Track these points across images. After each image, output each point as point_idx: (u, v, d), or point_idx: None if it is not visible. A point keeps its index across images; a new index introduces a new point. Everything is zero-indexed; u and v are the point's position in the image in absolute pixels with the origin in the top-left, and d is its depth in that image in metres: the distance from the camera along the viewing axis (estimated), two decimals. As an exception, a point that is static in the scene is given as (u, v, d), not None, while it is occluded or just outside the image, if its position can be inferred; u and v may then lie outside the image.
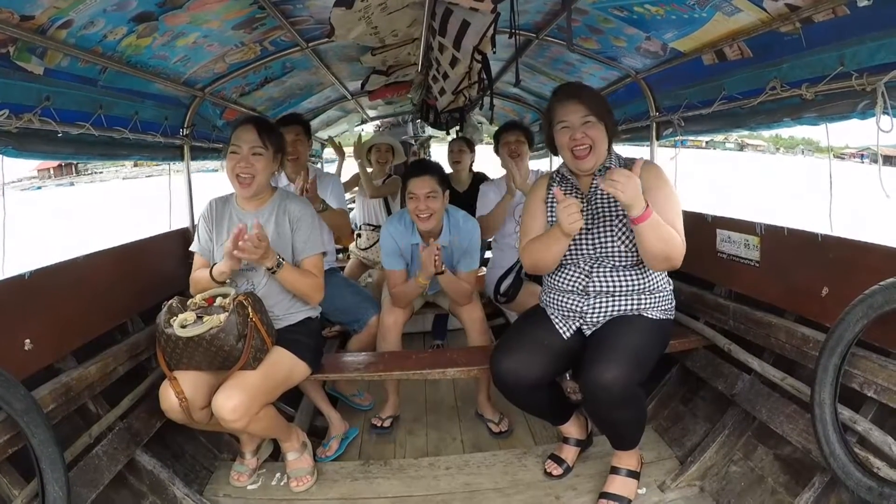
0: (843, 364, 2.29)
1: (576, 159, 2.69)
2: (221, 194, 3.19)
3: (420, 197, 3.40)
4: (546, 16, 3.61)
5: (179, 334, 2.58)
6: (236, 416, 2.59)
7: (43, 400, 2.43)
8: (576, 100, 2.67)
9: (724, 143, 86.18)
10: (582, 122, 2.65)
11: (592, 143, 2.65)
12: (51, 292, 2.70)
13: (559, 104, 2.73)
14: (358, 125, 9.58)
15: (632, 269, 2.70)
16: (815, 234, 2.77)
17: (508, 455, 3.30)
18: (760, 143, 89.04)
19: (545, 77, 5.03)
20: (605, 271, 2.71)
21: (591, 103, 2.66)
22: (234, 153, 2.91)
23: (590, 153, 2.66)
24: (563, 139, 2.71)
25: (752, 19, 2.69)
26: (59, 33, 2.45)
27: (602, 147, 2.68)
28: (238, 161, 2.89)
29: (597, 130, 2.65)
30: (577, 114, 2.65)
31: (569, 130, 2.67)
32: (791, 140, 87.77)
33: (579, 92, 2.74)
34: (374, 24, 3.14)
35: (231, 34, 3.27)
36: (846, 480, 2.19)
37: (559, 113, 2.71)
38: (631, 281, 2.70)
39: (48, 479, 2.16)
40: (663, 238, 2.46)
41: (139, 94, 3.33)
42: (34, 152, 2.72)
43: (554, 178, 2.95)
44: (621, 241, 2.66)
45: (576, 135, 2.65)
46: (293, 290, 3.00)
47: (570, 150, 2.69)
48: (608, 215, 2.71)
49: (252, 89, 4.49)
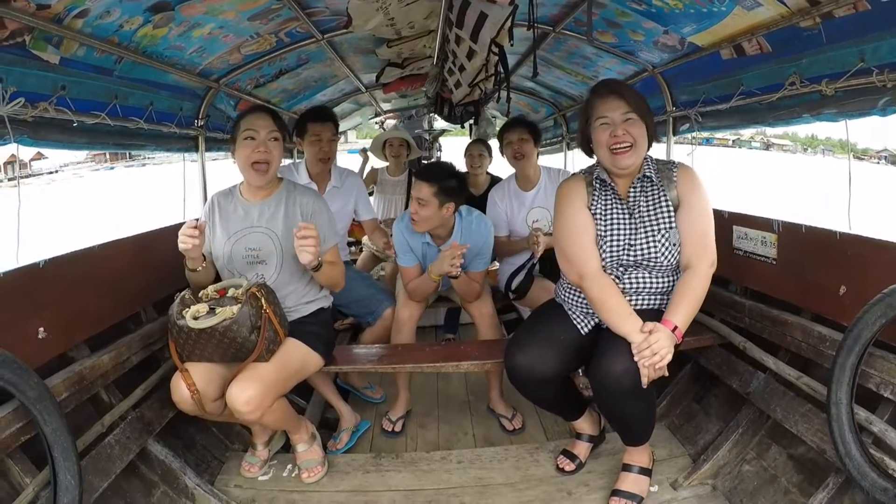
0: (860, 364, 2.26)
1: (614, 156, 2.57)
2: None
3: (414, 200, 3.40)
4: (563, 9, 3.59)
5: (192, 326, 2.57)
6: (250, 408, 2.58)
7: (56, 388, 2.43)
8: (617, 95, 2.56)
9: (749, 142, 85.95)
10: (623, 118, 2.53)
11: (634, 141, 2.53)
12: (65, 281, 2.71)
13: (599, 99, 2.61)
14: (371, 118, 9.58)
15: (666, 273, 2.65)
16: (833, 232, 2.74)
17: (520, 450, 3.29)
18: (787, 143, 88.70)
19: (561, 71, 5.01)
20: (637, 275, 2.65)
21: (633, 100, 2.56)
22: (251, 139, 2.84)
23: (630, 150, 2.54)
24: (601, 136, 2.58)
25: (772, 14, 2.66)
26: (75, 22, 2.45)
27: (643, 146, 2.58)
28: (256, 147, 2.83)
29: (638, 129, 2.54)
30: (618, 110, 2.54)
31: (608, 127, 2.56)
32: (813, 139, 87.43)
33: (620, 88, 2.63)
34: (391, 15, 3.14)
35: (247, 25, 3.27)
36: (861, 481, 2.17)
37: (599, 109, 2.59)
38: (660, 283, 2.65)
39: (60, 467, 2.16)
40: (697, 306, 2.52)
41: (154, 84, 3.34)
42: (49, 141, 2.73)
43: (593, 185, 2.73)
44: (661, 252, 2.59)
45: (616, 131, 2.53)
46: (329, 281, 3.02)
47: (609, 148, 2.57)
48: (650, 226, 2.63)
49: (267, 81, 4.49)
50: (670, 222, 2.59)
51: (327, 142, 3.90)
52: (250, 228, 2.97)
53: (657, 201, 2.63)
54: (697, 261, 2.53)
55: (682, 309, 2.47)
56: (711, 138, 60.48)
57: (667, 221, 2.59)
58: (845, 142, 3.04)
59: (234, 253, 2.94)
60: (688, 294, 2.50)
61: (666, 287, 2.66)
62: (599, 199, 2.71)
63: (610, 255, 2.64)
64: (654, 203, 2.63)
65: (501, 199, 4.21)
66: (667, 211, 2.61)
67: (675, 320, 2.43)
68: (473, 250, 3.49)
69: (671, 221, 2.59)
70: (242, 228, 2.97)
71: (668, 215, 2.60)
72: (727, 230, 3.38)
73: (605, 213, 2.69)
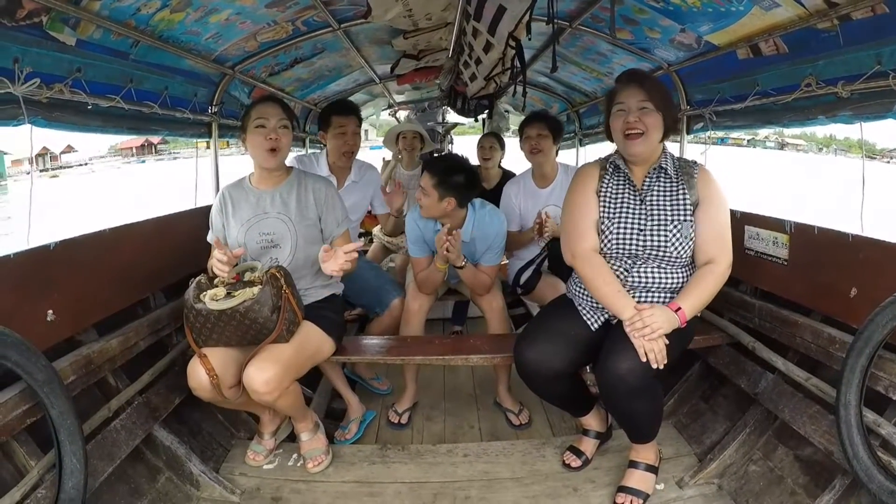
0: (869, 366, 2.25)
1: (626, 141, 2.62)
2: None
3: (419, 187, 3.43)
4: (581, 4, 3.58)
5: (212, 307, 2.58)
6: (269, 389, 2.58)
7: (63, 371, 2.43)
8: (637, 84, 2.61)
9: (764, 142, 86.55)
10: (639, 106, 2.58)
11: (646, 129, 2.57)
12: (75, 264, 2.71)
13: (620, 87, 2.68)
14: (384, 109, 9.59)
15: (676, 269, 2.65)
16: (845, 234, 2.73)
17: (527, 445, 3.28)
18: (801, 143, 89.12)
19: (576, 67, 5.00)
20: (646, 268, 2.64)
21: (652, 90, 2.59)
22: (262, 126, 2.92)
23: (640, 137, 2.59)
24: (616, 123, 2.65)
25: (790, 14, 2.66)
26: (92, 4, 2.44)
27: (655, 136, 2.60)
28: (267, 134, 2.91)
29: (653, 118, 2.57)
30: (634, 98, 2.59)
31: (624, 114, 2.61)
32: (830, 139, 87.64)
33: (641, 77, 2.67)
34: (410, 6, 3.15)
35: (264, 12, 3.26)
36: (868, 483, 2.17)
37: (619, 96, 2.66)
38: (670, 279, 2.64)
39: (66, 450, 2.16)
40: (709, 298, 2.54)
41: (170, 69, 3.33)
42: (63, 123, 2.73)
43: (607, 168, 2.80)
44: (672, 244, 2.59)
45: (629, 118, 2.59)
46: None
47: (623, 133, 2.62)
48: (662, 216, 2.64)
49: (281, 69, 4.48)
50: (685, 215, 2.59)
51: (352, 135, 3.90)
52: (264, 214, 3.01)
53: (674, 194, 2.64)
54: (718, 257, 2.55)
55: (692, 295, 2.50)
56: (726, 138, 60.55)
57: (681, 214, 2.59)
58: (859, 141, 3.04)
59: (249, 239, 2.97)
60: (702, 283, 2.53)
61: (677, 284, 2.65)
62: (610, 184, 2.76)
63: (617, 239, 2.66)
64: (671, 195, 2.64)
65: (516, 195, 4.18)
66: (683, 204, 2.61)
67: (682, 303, 2.46)
68: (485, 243, 3.50)
69: (686, 215, 2.60)
70: (255, 215, 3.01)
71: (685, 209, 2.60)
72: (739, 230, 3.37)
73: (615, 197, 2.73)
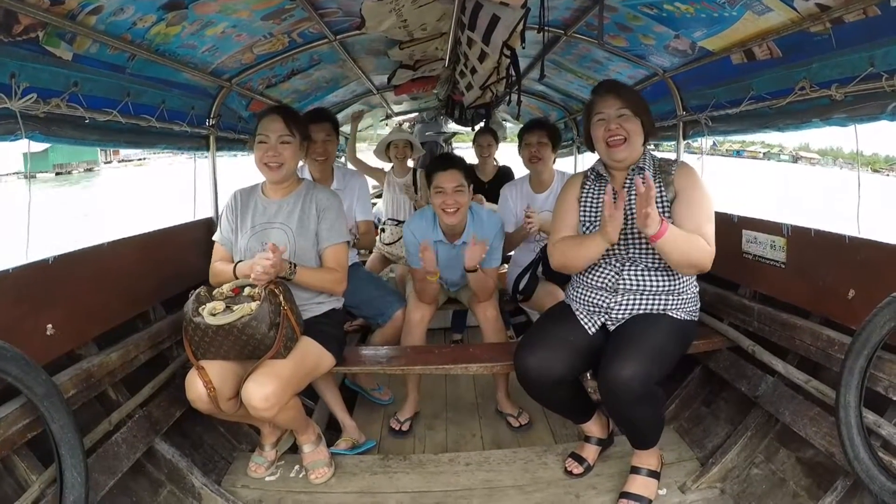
0: (868, 367, 2.26)
1: (609, 148, 2.71)
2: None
3: (448, 191, 3.35)
4: (575, 12, 3.59)
5: (210, 322, 2.57)
6: (268, 405, 2.57)
7: (63, 385, 2.43)
8: (613, 94, 2.72)
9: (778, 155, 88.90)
10: (617, 114, 2.68)
11: (627, 135, 2.68)
12: (74, 278, 2.71)
13: (597, 98, 2.78)
14: (382, 120, 9.61)
15: (663, 270, 2.70)
16: (842, 236, 2.75)
17: (528, 453, 3.28)
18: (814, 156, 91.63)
19: (572, 75, 5.01)
20: (636, 271, 2.72)
21: (627, 98, 2.71)
22: (263, 143, 2.95)
23: (624, 144, 2.68)
24: (598, 131, 2.75)
25: (782, 19, 2.67)
26: (88, 19, 2.44)
27: (636, 141, 2.70)
28: (267, 150, 2.94)
29: (632, 124, 2.68)
30: (612, 107, 2.69)
31: (604, 122, 2.71)
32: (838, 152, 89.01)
33: (616, 87, 2.78)
34: (404, 16, 3.16)
35: (260, 24, 3.26)
36: (870, 484, 2.17)
37: (597, 106, 2.76)
38: (660, 282, 2.70)
39: (67, 464, 2.16)
40: (684, 251, 2.49)
41: (167, 82, 3.33)
42: (60, 137, 2.72)
43: (588, 176, 2.95)
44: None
45: (610, 125, 2.69)
46: (314, 288, 3.03)
47: (605, 142, 2.72)
48: None
49: (278, 81, 4.48)
50: (663, 212, 2.62)
51: (321, 142, 3.91)
52: (268, 224, 3.02)
53: None
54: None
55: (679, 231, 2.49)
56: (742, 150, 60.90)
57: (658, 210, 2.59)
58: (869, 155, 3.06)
59: (251, 247, 2.97)
60: (690, 235, 2.51)
61: (666, 288, 2.69)
62: (591, 191, 2.90)
63: None
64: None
65: (513, 198, 4.20)
66: (661, 201, 2.66)
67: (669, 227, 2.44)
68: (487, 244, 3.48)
69: (664, 212, 2.63)
70: (261, 223, 3.03)
71: (661, 206, 2.64)
72: (737, 234, 3.39)
73: (595, 203, 2.85)
